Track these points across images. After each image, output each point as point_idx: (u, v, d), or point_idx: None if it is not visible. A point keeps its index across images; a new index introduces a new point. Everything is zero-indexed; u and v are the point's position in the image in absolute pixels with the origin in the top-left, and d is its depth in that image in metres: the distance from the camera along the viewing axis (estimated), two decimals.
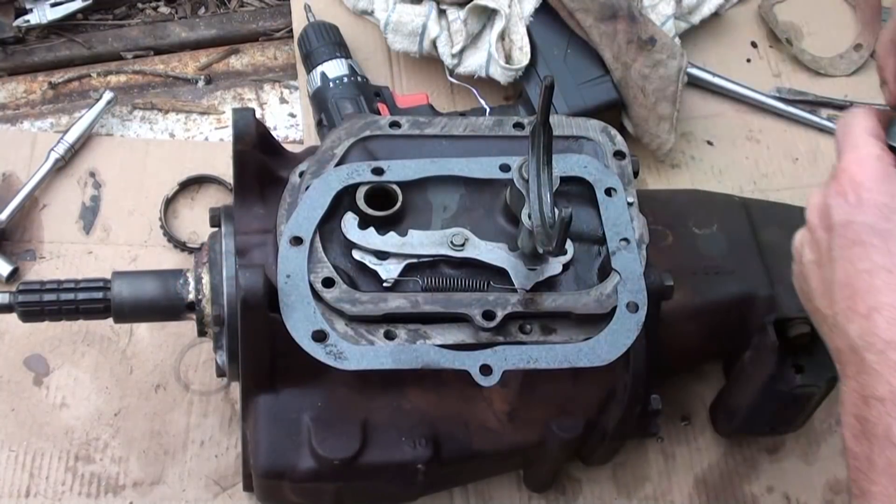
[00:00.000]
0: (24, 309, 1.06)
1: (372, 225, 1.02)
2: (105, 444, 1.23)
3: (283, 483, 1.04)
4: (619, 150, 1.10)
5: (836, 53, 1.58)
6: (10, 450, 1.22)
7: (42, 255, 1.34)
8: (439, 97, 1.48)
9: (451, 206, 1.06)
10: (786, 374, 1.14)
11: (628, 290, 1.00)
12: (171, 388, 1.26)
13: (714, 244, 1.20)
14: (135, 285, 1.06)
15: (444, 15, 1.43)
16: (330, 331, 0.96)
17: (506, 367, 0.96)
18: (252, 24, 1.59)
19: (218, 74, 1.54)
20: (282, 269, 0.98)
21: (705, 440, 1.28)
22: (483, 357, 0.97)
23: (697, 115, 1.51)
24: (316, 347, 0.95)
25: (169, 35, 1.57)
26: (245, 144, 1.06)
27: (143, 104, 1.49)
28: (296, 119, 1.49)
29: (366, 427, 1.04)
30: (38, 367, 1.27)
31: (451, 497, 1.22)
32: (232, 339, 1.03)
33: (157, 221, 1.37)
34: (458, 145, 1.10)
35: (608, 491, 1.24)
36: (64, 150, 1.39)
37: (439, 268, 1.02)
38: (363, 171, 1.04)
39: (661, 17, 1.47)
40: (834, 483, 1.26)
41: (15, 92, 1.50)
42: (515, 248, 1.02)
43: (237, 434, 1.23)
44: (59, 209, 1.38)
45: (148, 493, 1.20)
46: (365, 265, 1.01)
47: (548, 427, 1.07)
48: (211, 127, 1.48)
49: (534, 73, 1.40)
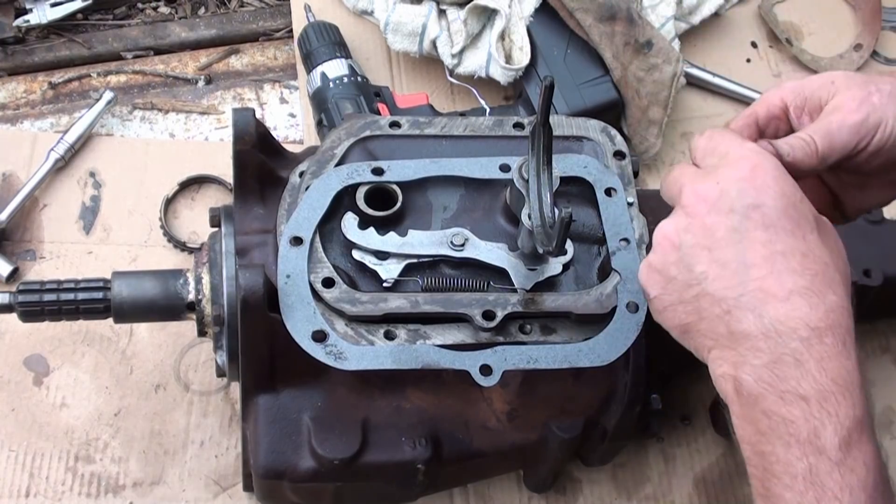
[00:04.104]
0: (24, 309, 1.06)
1: (372, 225, 1.02)
2: (105, 444, 1.23)
3: (283, 483, 1.04)
4: (619, 150, 1.10)
5: (836, 53, 1.58)
6: (10, 450, 1.22)
7: (42, 255, 1.34)
8: (439, 97, 1.48)
9: (451, 206, 1.06)
10: None
11: (628, 290, 0.99)
12: (171, 388, 1.26)
13: None
14: (135, 285, 1.06)
15: (444, 15, 1.43)
16: (330, 331, 0.96)
17: (506, 368, 0.96)
18: (252, 24, 1.59)
19: (218, 74, 1.54)
20: (282, 269, 0.98)
21: (705, 440, 1.28)
22: (483, 357, 0.97)
23: (697, 115, 1.51)
24: (316, 348, 0.96)
25: (169, 35, 1.57)
26: (245, 144, 1.06)
27: (143, 104, 1.49)
28: (296, 119, 1.49)
29: (366, 427, 1.04)
30: (38, 367, 1.27)
31: (451, 497, 1.22)
32: (232, 339, 1.03)
33: (157, 221, 1.37)
34: (458, 145, 1.10)
35: (608, 491, 1.24)
36: (64, 150, 1.39)
37: (439, 268, 1.02)
38: (363, 171, 1.04)
39: (662, 18, 1.47)
40: None
41: (15, 92, 1.50)
42: (515, 248, 1.02)
43: (237, 434, 1.23)
44: (59, 209, 1.38)
45: (148, 493, 1.20)
46: (365, 265, 1.01)
47: (548, 427, 1.07)
48: (211, 127, 1.48)
49: (534, 73, 1.40)
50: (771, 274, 0.77)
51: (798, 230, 0.79)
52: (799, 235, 0.79)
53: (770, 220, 0.79)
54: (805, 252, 0.78)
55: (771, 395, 0.75)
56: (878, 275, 1.23)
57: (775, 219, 0.79)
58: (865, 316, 1.31)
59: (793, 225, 0.79)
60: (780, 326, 0.75)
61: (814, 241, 0.80)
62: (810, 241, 0.79)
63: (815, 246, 0.79)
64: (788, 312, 0.76)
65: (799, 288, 0.76)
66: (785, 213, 0.79)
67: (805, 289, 0.76)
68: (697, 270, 0.80)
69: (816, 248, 0.79)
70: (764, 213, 0.79)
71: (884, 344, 1.36)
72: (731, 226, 0.79)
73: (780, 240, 0.78)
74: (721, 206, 0.81)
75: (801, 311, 0.75)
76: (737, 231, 0.79)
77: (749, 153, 0.83)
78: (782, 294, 0.76)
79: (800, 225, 0.79)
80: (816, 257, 0.78)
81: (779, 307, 0.76)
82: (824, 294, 0.77)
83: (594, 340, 0.98)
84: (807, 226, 0.80)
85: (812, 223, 0.81)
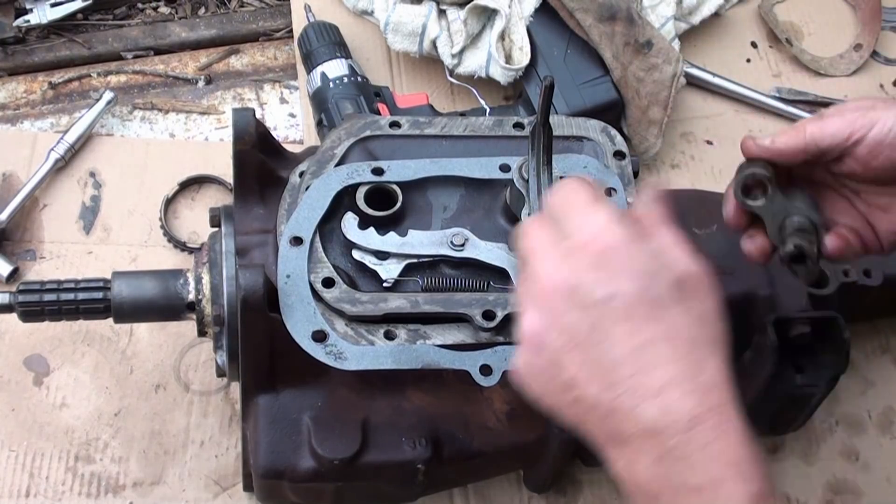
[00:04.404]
0: (25, 309, 1.06)
1: (372, 225, 1.02)
2: (105, 444, 1.23)
3: (283, 483, 1.04)
4: (619, 150, 1.10)
5: (836, 53, 1.57)
6: (10, 450, 1.22)
7: (42, 255, 1.34)
8: (439, 97, 1.47)
9: (451, 206, 1.06)
10: (786, 374, 1.14)
11: None
12: (171, 388, 1.26)
13: (714, 244, 1.20)
14: (135, 285, 1.06)
15: (444, 15, 1.43)
16: (330, 331, 0.96)
17: (505, 368, 0.96)
18: (252, 24, 1.59)
19: (218, 74, 1.54)
20: (282, 269, 0.98)
21: None
22: (483, 357, 0.97)
23: (697, 115, 1.51)
24: (316, 347, 0.96)
25: (169, 35, 1.57)
26: (245, 144, 1.06)
27: (143, 104, 1.49)
28: (296, 119, 1.49)
29: (366, 427, 1.04)
30: (38, 367, 1.27)
31: (451, 497, 1.22)
32: (232, 339, 1.03)
33: (157, 221, 1.37)
34: (458, 145, 1.10)
35: (608, 492, 1.24)
36: (64, 150, 1.39)
37: (439, 268, 1.02)
38: (363, 171, 1.04)
39: (661, 18, 1.47)
40: (834, 483, 1.26)
41: (15, 92, 1.50)
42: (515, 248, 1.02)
43: (237, 434, 1.23)
44: (59, 209, 1.38)
45: (148, 493, 1.20)
46: (365, 265, 1.01)
47: (548, 427, 1.07)
48: (211, 127, 1.48)
49: (534, 73, 1.40)
50: (639, 370, 0.74)
51: (658, 310, 0.75)
52: (660, 317, 0.75)
53: (628, 309, 0.75)
54: (669, 335, 0.74)
55: (666, 490, 0.73)
56: (879, 275, 1.23)
57: (633, 306, 0.75)
58: (865, 316, 1.32)
59: (651, 307, 0.75)
60: (658, 424, 0.72)
61: (678, 318, 0.75)
62: (673, 319, 0.75)
63: (679, 323, 0.75)
64: (664, 408, 0.72)
65: (669, 378, 0.73)
66: (642, 298, 0.75)
67: (676, 377, 0.73)
68: (568, 376, 0.76)
69: (681, 326, 0.75)
70: (620, 302, 0.75)
71: (884, 344, 1.36)
72: (591, 323, 0.75)
73: (642, 329, 0.74)
74: (576, 301, 0.76)
75: (676, 404, 0.72)
76: (597, 329, 0.75)
77: (598, 231, 0.77)
78: (654, 389, 0.73)
79: (660, 304, 0.75)
80: (682, 337, 0.75)
81: (654, 404, 0.73)
82: (696, 376, 0.74)
83: None
84: (668, 300, 0.76)
85: (672, 291, 0.76)
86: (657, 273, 0.76)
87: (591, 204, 0.79)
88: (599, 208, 0.79)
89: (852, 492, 1.26)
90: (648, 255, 0.77)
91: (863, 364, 1.34)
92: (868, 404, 1.32)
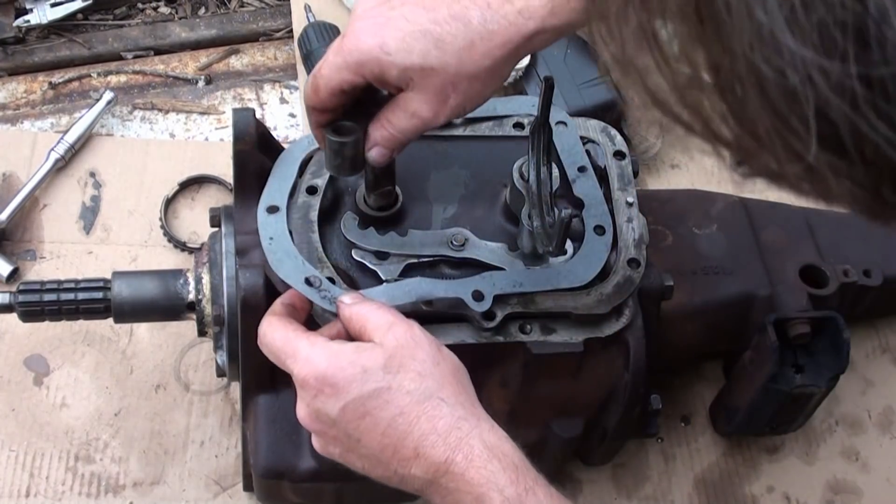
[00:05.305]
0: (25, 309, 1.06)
1: (372, 225, 1.02)
2: (105, 444, 1.23)
3: (283, 483, 1.04)
4: (619, 150, 1.10)
5: None
6: (10, 450, 1.22)
7: (42, 255, 1.34)
8: None
9: (451, 206, 1.06)
10: (786, 374, 1.14)
11: (593, 215, 1.03)
12: (171, 388, 1.26)
13: (714, 244, 1.20)
14: (135, 285, 1.07)
15: None
16: (322, 279, 0.96)
17: (496, 292, 0.98)
18: (252, 24, 1.59)
19: (218, 74, 1.54)
20: (264, 234, 0.99)
21: (705, 440, 1.28)
22: (473, 283, 0.98)
23: None
24: (311, 291, 0.95)
25: (169, 35, 1.57)
26: (245, 144, 1.06)
27: (143, 104, 1.49)
28: (296, 119, 1.49)
29: None
30: (38, 367, 1.27)
31: None
32: (232, 339, 1.03)
33: (157, 221, 1.37)
34: (457, 145, 1.10)
35: (608, 491, 1.24)
36: (64, 150, 1.39)
37: (439, 268, 1.02)
38: None
39: None
40: (834, 483, 1.26)
41: (15, 92, 1.50)
42: (515, 248, 1.02)
43: (237, 434, 1.23)
44: (59, 209, 1.38)
45: (148, 493, 1.20)
46: (365, 265, 1.01)
47: (548, 427, 1.07)
48: (211, 127, 1.48)
49: (534, 73, 1.40)
50: (395, 446, 0.87)
51: (379, 399, 0.87)
52: (382, 403, 0.87)
53: (359, 409, 0.87)
54: (399, 412, 0.87)
55: None
56: (878, 275, 1.23)
57: (362, 406, 0.87)
58: (865, 316, 1.32)
59: (374, 399, 0.87)
60: (428, 476, 0.86)
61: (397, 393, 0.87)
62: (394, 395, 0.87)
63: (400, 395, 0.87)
64: (428, 463, 0.86)
65: (417, 440, 0.86)
66: (362, 397, 0.87)
67: (420, 435, 0.86)
68: (359, 467, 0.91)
69: (403, 395, 0.87)
70: (353, 407, 0.87)
71: (883, 343, 1.36)
72: (345, 433, 0.89)
73: (379, 416, 0.87)
74: (327, 420, 0.89)
75: (434, 456, 0.85)
76: (350, 436, 0.88)
77: (302, 369, 0.89)
78: (411, 454, 0.86)
79: (377, 395, 0.87)
80: (409, 402, 0.87)
81: (418, 464, 0.86)
82: (435, 428, 0.86)
83: (570, 264, 1.01)
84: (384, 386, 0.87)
85: (384, 377, 0.87)
86: (365, 368, 0.87)
87: (291, 341, 0.91)
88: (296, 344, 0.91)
89: (852, 492, 1.26)
90: (350, 364, 0.88)
91: (862, 364, 1.34)
92: (868, 404, 1.32)
